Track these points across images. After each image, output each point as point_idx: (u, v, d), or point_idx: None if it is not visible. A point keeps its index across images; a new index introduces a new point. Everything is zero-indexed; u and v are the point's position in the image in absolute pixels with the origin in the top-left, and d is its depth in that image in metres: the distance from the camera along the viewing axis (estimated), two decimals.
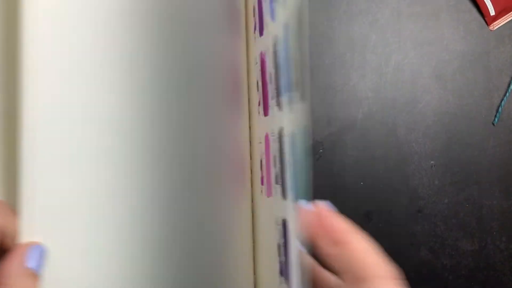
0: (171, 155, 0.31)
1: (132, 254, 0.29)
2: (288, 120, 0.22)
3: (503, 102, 0.44)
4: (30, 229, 0.26)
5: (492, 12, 0.44)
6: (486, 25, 0.44)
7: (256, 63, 0.31)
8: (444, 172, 0.43)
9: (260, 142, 0.32)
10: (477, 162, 0.43)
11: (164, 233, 0.30)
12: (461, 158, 0.43)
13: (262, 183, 0.31)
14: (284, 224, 0.24)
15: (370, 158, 0.43)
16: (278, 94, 0.25)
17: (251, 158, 0.34)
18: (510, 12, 0.44)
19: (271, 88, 0.27)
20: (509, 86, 0.44)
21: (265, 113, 0.29)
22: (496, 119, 0.44)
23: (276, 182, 0.26)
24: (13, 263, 0.23)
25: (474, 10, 0.44)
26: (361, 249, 0.19)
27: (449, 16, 0.44)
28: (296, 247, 0.21)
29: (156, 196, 0.30)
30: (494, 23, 0.44)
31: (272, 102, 0.27)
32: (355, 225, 0.20)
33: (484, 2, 0.44)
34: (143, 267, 0.29)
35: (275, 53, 0.25)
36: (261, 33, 0.30)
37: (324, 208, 0.21)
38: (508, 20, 0.44)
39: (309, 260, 0.23)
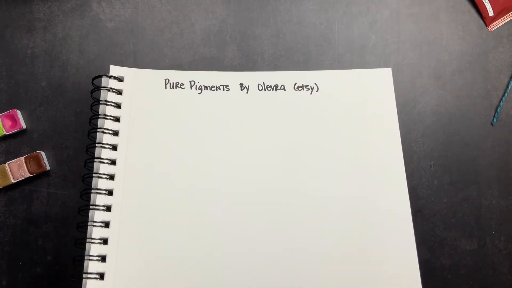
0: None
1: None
2: None
3: (501, 102, 0.44)
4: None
5: (491, 13, 0.44)
6: (485, 26, 0.45)
7: None
8: (443, 172, 0.43)
9: None
10: (476, 162, 0.44)
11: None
12: (460, 158, 0.44)
13: None
14: None
15: None
16: None
17: None
18: (508, 12, 0.44)
19: None
20: (507, 86, 0.44)
21: None
22: (495, 119, 0.44)
23: None
24: None
25: (473, 11, 0.45)
26: None
27: (448, 17, 0.45)
28: None
29: None
30: (492, 23, 0.44)
31: None
32: None
33: (483, 3, 0.44)
34: None
35: None
36: None
37: None
38: (507, 20, 0.44)
39: None
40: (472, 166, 0.44)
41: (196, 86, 0.40)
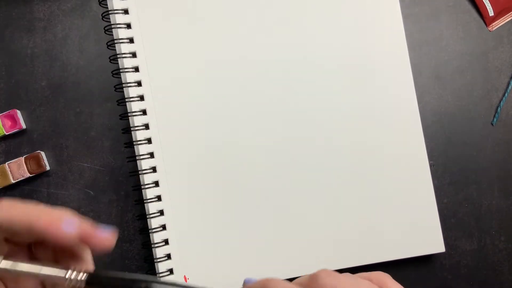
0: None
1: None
2: None
3: (501, 102, 0.44)
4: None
5: (491, 13, 0.44)
6: (485, 26, 0.45)
7: None
8: (443, 172, 0.43)
9: None
10: (476, 162, 0.44)
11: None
12: (460, 158, 0.44)
13: None
14: None
15: None
16: None
17: None
18: (509, 12, 0.44)
19: None
20: (507, 86, 0.44)
21: None
22: (495, 119, 0.44)
23: None
24: None
25: (473, 11, 0.45)
26: None
27: (448, 16, 0.45)
28: None
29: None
30: (493, 23, 0.44)
31: None
32: None
33: (483, 2, 0.44)
34: None
35: None
36: None
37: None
38: (507, 20, 0.44)
39: None
40: (472, 166, 0.44)
41: None
